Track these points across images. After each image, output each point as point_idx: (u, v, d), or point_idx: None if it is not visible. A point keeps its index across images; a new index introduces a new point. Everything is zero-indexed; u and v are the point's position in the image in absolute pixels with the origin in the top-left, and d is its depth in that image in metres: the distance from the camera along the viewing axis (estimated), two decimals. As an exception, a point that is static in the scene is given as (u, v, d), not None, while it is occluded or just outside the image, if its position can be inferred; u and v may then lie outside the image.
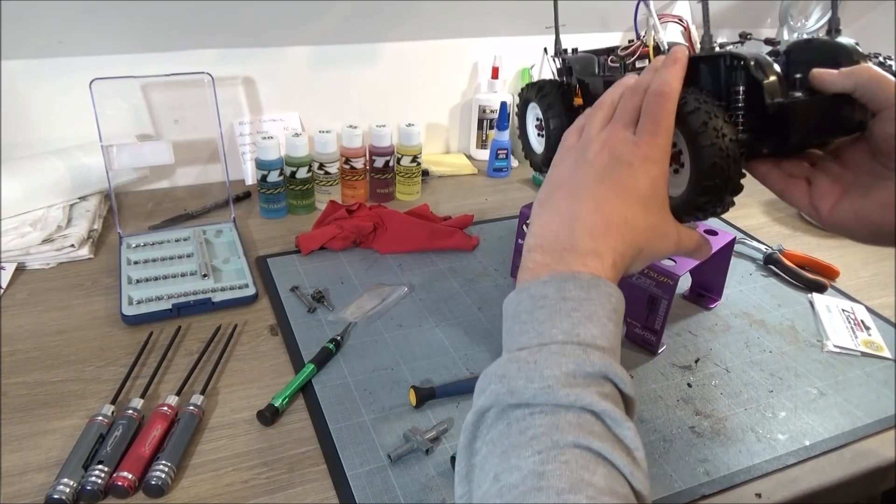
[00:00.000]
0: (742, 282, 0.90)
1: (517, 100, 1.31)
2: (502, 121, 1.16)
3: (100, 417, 0.60)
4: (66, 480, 0.54)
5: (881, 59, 0.44)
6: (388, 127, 1.04)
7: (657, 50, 0.70)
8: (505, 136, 1.17)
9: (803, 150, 0.49)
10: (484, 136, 1.25)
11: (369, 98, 1.16)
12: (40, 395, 0.65)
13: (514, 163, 1.24)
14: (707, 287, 0.85)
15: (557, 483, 0.33)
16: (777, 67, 0.46)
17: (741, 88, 0.46)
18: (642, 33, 0.96)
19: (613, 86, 0.50)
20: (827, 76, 0.44)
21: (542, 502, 0.32)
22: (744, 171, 0.47)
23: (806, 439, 0.65)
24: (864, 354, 0.77)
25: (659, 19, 0.82)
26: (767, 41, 0.48)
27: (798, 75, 0.46)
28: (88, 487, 0.54)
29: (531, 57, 1.26)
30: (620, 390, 0.38)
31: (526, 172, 1.22)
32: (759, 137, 0.47)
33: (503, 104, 1.16)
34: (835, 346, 0.78)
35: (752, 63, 0.46)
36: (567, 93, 0.70)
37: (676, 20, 1.22)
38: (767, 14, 1.40)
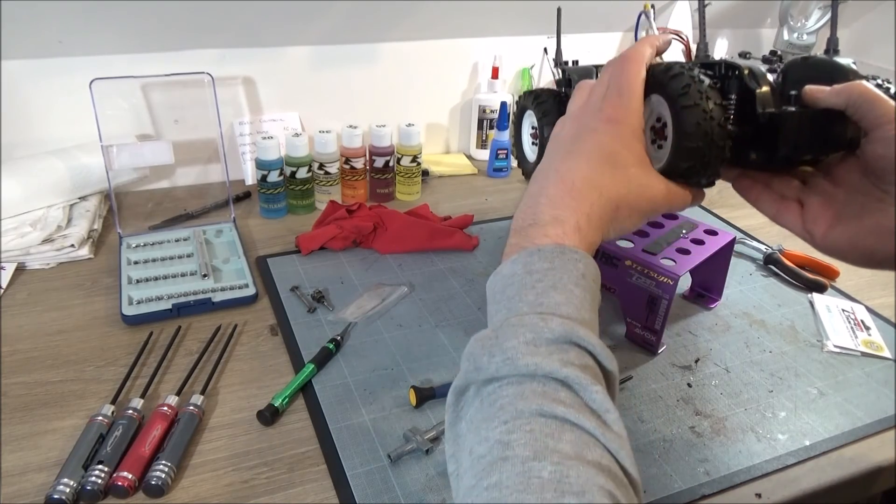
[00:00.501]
0: (742, 282, 0.90)
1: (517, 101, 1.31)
2: (502, 121, 1.16)
3: (100, 417, 0.60)
4: (66, 480, 0.54)
5: (879, 81, 0.44)
6: (388, 127, 1.04)
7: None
8: (505, 136, 1.17)
9: (793, 166, 0.49)
10: (484, 136, 1.25)
11: (369, 98, 1.16)
12: (40, 395, 0.65)
13: (514, 163, 1.24)
14: (707, 287, 0.85)
15: (522, 451, 0.33)
16: (770, 78, 0.46)
17: (733, 97, 0.46)
18: None
19: None
20: (819, 92, 0.44)
21: (507, 471, 0.32)
22: (727, 152, 0.46)
23: (806, 439, 0.65)
24: (864, 354, 0.77)
25: (659, 32, 0.83)
26: (765, 59, 0.49)
27: (793, 92, 0.46)
28: (88, 487, 0.54)
29: (531, 57, 1.26)
30: (594, 357, 0.38)
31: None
32: (749, 147, 0.47)
33: (503, 104, 1.16)
34: (835, 346, 0.78)
35: (747, 72, 0.46)
36: (564, 102, 0.71)
37: (676, 36, 1.23)
38: (767, 14, 1.40)
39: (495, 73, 1.20)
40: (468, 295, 0.84)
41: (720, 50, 1.43)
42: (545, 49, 1.25)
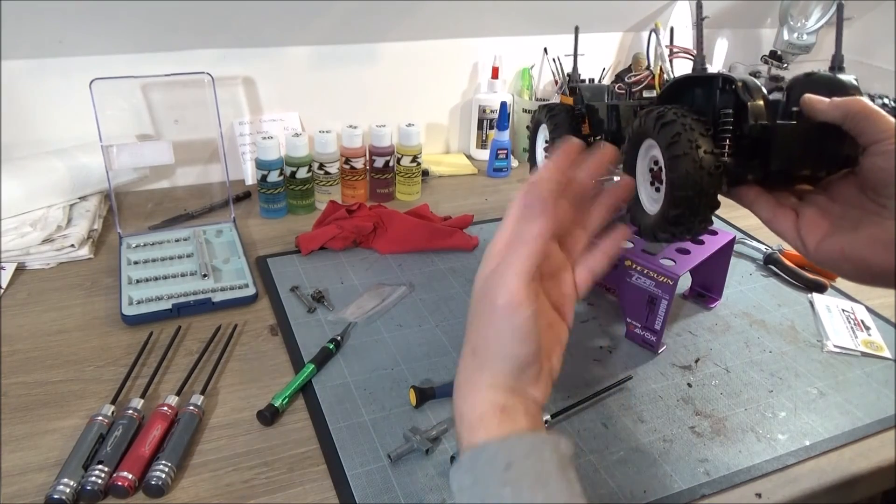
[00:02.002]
0: (742, 282, 0.90)
1: (517, 100, 1.32)
2: (502, 121, 1.16)
3: (100, 417, 0.60)
4: (66, 480, 0.54)
5: (885, 101, 0.44)
6: (388, 127, 1.04)
7: (662, 80, 0.73)
8: (505, 136, 1.17)
9: (790, 181, 0.48)
10: (484, 136, 1.25)
11: (369, 98, 1.16)
12: (40, 395, 0.65)
13: (514, 163, 1.24)
14: (707, 287, 0.85)
15: None
16: (765, 91, 0.46)
17: (730, 111, 0.46)
18: (652, 63, 0.98)
19: None
20: (817, 103, 0.43)
21: None
22: (723, 186, 0.46)
23: (806, 439, 0.65)
24: (864, 354, 0.77)
25: (672, 50, 0.84)
26: (772, 77, 0.49)
27: (796, 108, 0.46)
28: (88, 487, 0.54)
29: (531, 57, 1.26)
30: None
31: (526, 173, 1.22)
32: (745, 162, 0.47)
33: (503, 104, 1.16)
34: (835, 346, 0.78)
35: (741, 85, 0.46)
36: (577, 116, 0.72)
37: (688, 54, 1.21)
38: (767, 14, 1.40)
39: (495, 73, 1.20)
40: (468, 295, 0.84)
41: (720, 50, 1.43)
42: (545, 49, 1.25)
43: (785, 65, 1.24)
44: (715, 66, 1.44)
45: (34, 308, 0.78)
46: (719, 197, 0.47)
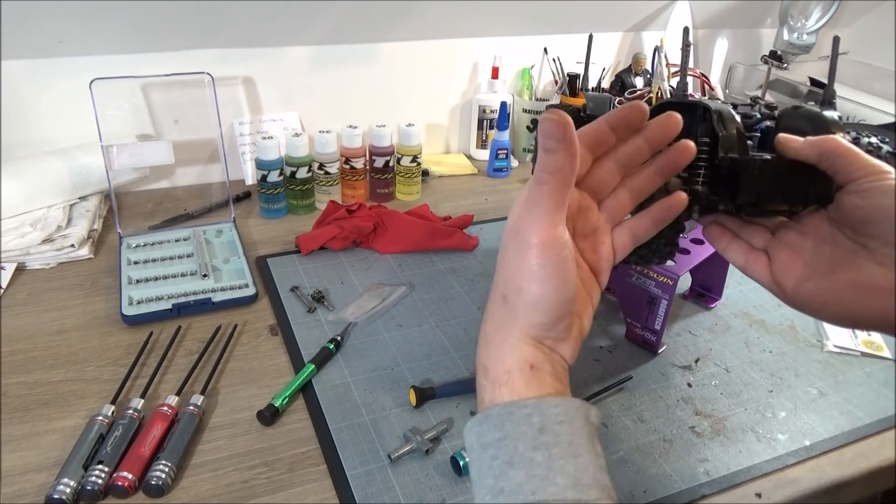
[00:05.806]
0: (742, 282, 0.90)
1: (517, 100, 1.32)
2: (502, 121, 1.16)
3: (100, 417, 0.60)
4: (66, 480, 0.54)
5: (871, 140, 0.44)
6: (388, 127, 1.04)
7: (659, 99, 0.74)
8: (505, 136, 1.17)
9: (764, 215, 0.48)
10: (484, 136, 1.25)
11: (369, 98, 1.17)
12: (40, 395, 0.65)
13: (514, 163, 1.24)
14: (707, 287, 0.85)
15: None
16: (738, 119, 0.45)
17: (707, 140, 0.46)
18: (652, 81, 1.00)
19: None
20: (792, 142, 0.43)
21: None
22: (693, 213, 0.46)
23: (806, 439, 0.65)
24: (864, 354, 0.77)
25: (674, 68, 0.85)
26: (768, 106, 0.49)
27: None
28: (88, 487, 0.54)
29: (531, 57, 1.26)
30: None
31: (526, 172, 1.23)
32: (717, 192, 0.46)
33: (503, 104, 1.16)
34: (835, 346, 0.78)
35: (716, 116, 0.45)
36: (583, 120, 0.73)
37: (697, 75, 1.22)
38: (767, 14, 1.40)
39: (495, 73, 1.20)
40: (468, 295, 0.84)
41: (720, 50, 1.43)
42: (545, 49, 1.25)
43: (785, 65, 1.24)
44: (715, 67, 1.44)
45: (34, 308, 0.78)
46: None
